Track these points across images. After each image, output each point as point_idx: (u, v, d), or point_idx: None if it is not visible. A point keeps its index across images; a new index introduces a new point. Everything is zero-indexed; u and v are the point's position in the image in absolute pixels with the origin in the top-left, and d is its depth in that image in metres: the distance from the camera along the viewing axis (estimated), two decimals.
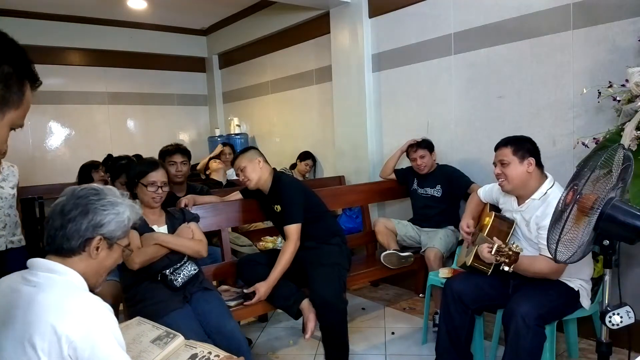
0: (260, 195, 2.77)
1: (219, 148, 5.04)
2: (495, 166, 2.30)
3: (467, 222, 2.49)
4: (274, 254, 2.74)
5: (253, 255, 3.00)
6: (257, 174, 2.68)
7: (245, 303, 2.51)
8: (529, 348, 2.01)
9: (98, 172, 3.61)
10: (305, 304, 2.56)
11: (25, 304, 1.14)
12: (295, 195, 2.66)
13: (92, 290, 1.29)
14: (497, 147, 2.31)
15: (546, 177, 2.24)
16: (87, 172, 3.61)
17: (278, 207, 2.69)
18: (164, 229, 2.33)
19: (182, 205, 2.67)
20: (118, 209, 1.31)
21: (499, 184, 2.31)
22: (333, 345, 2.51)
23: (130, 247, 1.42)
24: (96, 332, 1.13)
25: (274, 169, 2.90)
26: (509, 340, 2.07)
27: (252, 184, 2.71)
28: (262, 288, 2.52)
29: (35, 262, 1.24)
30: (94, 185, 1.35)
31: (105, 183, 3.27)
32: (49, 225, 1.27)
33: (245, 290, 2.56)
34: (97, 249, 1.27)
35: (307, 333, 2.49)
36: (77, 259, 1.25)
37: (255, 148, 2.87)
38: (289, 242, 2.60)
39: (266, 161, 2.77)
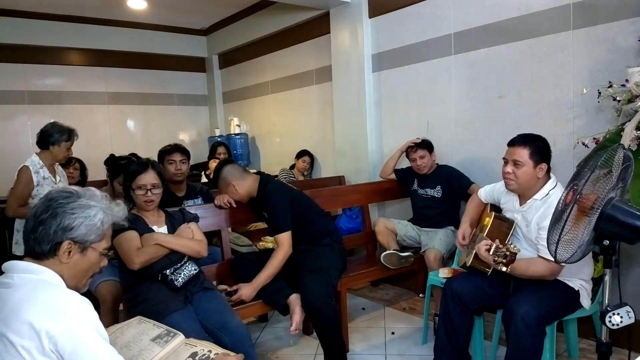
0: (252, 200, 2.79)
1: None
2: (505, 163, 2.23)
3: (463, 233, 2.48)
4: (267, 253, 2.76)
5: (246, 254, 3.01)
6: (239, 194, 2.74)
7: (232, 298, 2.52)
8: (530, 348, 2.01)
9: (67, 168, 3.59)
10: (292, 298, 2.56)
11: (1, 305, 1.13)
12: (279, 203, 2.66)
13: (85, 293, 1.28)
14: (513, 144, 2.21)
15: (549, 177, 2.23)
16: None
17: (266, 214, 2.73)
18: (164, 229, 2.33)
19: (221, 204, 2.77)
20: (88, 213, 1.27)
21: (505, 182, 2.27)
22: (329, 347, 2.52)
23: (111, 251, 1.39)
24: (76, 325, 1.12)
25: (261, 173, 2.91)
26: (509, 340, 2.07)
27: (244, 201, 2.79)
28: (246, 289, 2.52)
29: (10, 264, 1.23)
30: (71, 188, 1.32)
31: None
32: (25, 227, 1.26)
33: (228, 289, 2.57)
34: (69, 253, 1.25)
35: (292, 326, 2.50)
36: (49, 263, 1.23)
37: (223, 165, 2.81)
38: (279, 250, 2.61)
39: (244, 171, 2.78)
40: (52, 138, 3.11)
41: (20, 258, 1.27)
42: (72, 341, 1.10)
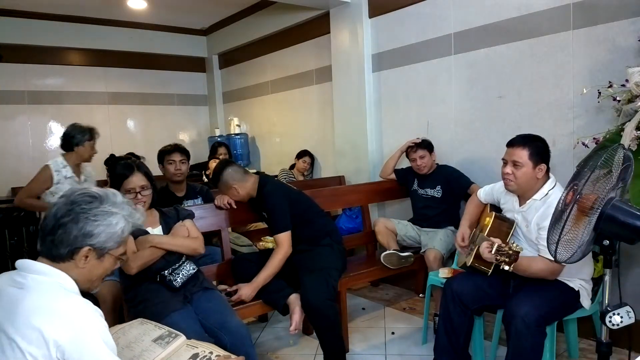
0: (252, 200, 2.80)
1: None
2: (504, 163, 2.23)
3: (462, 235, 2.48)
4: (267, 253, 2.76)
5: (246, 255, 3.02)
6: (240, 196, 2.74)
7: (231, 298, 2.52)
8: (530, 349, 2.01)
9: None
10: (292, 298, 2.56)
11: (12, 306, 1.12)
12: (278, 203, 2.66)
13: (86, 293, 1.28)
14: (513, 145, 2.21)
15: (548, 177, 2.23)
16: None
17: (265, 214, 2.73)
18: (158, 229, 2.31)
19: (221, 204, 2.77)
20: (110, 220, 1.25)
21: (505, 183, 2.27)
22: (328, 347, 2.52)
23: (125, 255, 1.37)
24: (85, 335, 1.12)
25: (261, 174, 2.92)
26: (510, 341, 2.07)
27: (244, 201, 2.79)
28: (245, 289, 2.52)
29: (24, 263, 1.22)
30: (94, 190, 1.29)
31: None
32: (43, 226, 1.24)
33: (228, 289, 2.57)
34: (86, 258, 1.23)
35: (291, 325, 2.50)
36: (65, 266, 1.22)
37: (223, 167, 2.75)
38: (279, 250, 2.61)
39: (245, 173, 2.75)
40: (75, 139, 3.23)
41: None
42: (79, 352, 1.11)
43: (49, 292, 1.16)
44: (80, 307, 1.16)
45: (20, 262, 1.22)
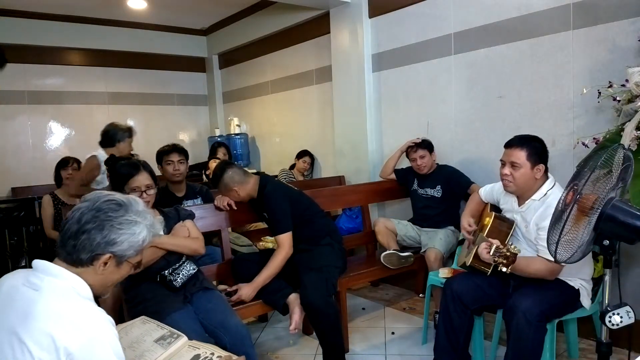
0: (253, 200, 2.80)
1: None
2: (503, 164, 2.24)
3: (467, 221, 2.47)
4: (267, 253, 2.76)
5: (246, 254, 3.02)
6: (240, 197, 2.73)
7: (231, 299, 2.52)
8: (531, 344, 2.02)
9: (66, 169, 3.85)
10: (292, 298, 2.56)
11: (26, 308, 1.12)
12: (279, 204, 2.66)
13: (98, 297, 1.28)
14: (510, 146, 2.21)
15: (547, 177, 2.23)
16: (57, 170, 3.87)
17: (266, 215, 2.73)
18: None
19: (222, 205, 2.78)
20: (134, 229, 1.26)
21: (503, 184, 2.27)
22: (328, 346, 2.53)
23: (141, 263, 1.37)
24: (96, 344, 1.12)
25: (261, 174, 2.92)
26: (510, 336, 2.07)
27: (245, 201, 2.79)
28: (246, 289, 2.52)
29: (41, 264, 1.22)
30: (118, 197, 1.30)
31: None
32: (65, 229, 1.24)
33: (228, 289, 2.57)
34: (105, 264, 1.24)
35: (291, 325, 2.50)
36: (82, 271, 1.23)
37: (224, 170, 2.71)
38: (280, 250, 2.61)
39: (245, 174, 2.73)
40: (117, 136, 3.46)
41: None
42: None
43: (63, 297, 1.16)
44: (93, 315, 1.16)
45: (36, 263, 1.22)
